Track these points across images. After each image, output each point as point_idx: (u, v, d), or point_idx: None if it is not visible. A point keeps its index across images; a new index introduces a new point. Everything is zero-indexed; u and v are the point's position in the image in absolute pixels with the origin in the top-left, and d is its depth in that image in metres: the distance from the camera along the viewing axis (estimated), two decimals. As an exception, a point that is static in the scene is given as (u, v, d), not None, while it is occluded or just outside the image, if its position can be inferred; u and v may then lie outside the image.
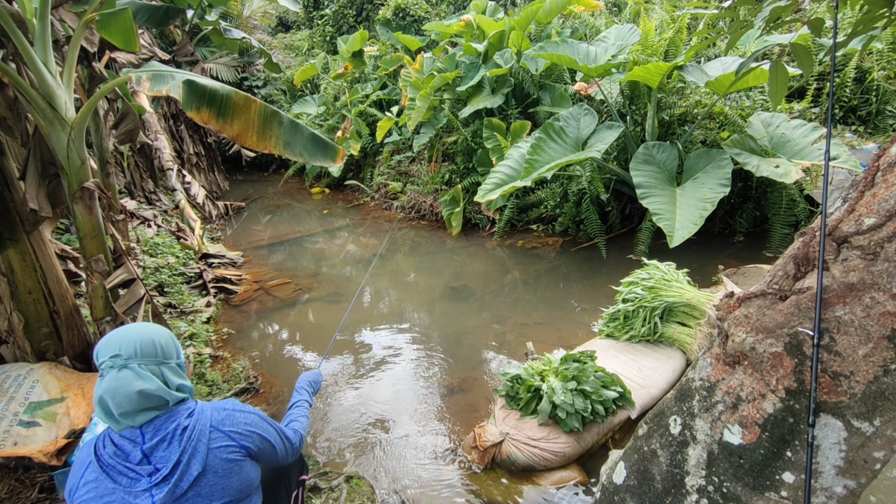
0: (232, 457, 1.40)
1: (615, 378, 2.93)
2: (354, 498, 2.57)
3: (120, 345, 1.34)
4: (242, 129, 2.84)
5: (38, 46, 2.63)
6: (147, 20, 3.72)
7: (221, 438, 1.39)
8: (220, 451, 1.38)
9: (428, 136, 7.26)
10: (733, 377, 1.52)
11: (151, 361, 1.36)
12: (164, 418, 1.36)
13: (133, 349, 1.34)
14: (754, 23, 1.99)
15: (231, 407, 1.48)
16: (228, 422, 1.43)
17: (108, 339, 1.36)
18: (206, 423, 1.39)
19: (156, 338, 1.40)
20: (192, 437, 1.34)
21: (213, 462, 1.36)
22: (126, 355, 1.33)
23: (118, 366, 1.32)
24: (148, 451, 1.31)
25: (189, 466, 1.32)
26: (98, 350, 1.35)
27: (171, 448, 1.32)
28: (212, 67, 9.57)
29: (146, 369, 1.34)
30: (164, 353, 1.40)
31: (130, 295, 3.10)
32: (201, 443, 1.35)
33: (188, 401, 1.43)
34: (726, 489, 1.51)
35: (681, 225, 4.25)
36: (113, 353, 1.33)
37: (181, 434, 1.34)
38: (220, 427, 1.41)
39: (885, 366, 1.27)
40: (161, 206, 6.96)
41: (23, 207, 2.70)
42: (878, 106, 5.94)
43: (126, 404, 1.30)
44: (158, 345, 1.39)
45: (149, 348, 1.37)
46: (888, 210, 1.27)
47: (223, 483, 1.37)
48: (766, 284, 1.48)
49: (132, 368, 1.32)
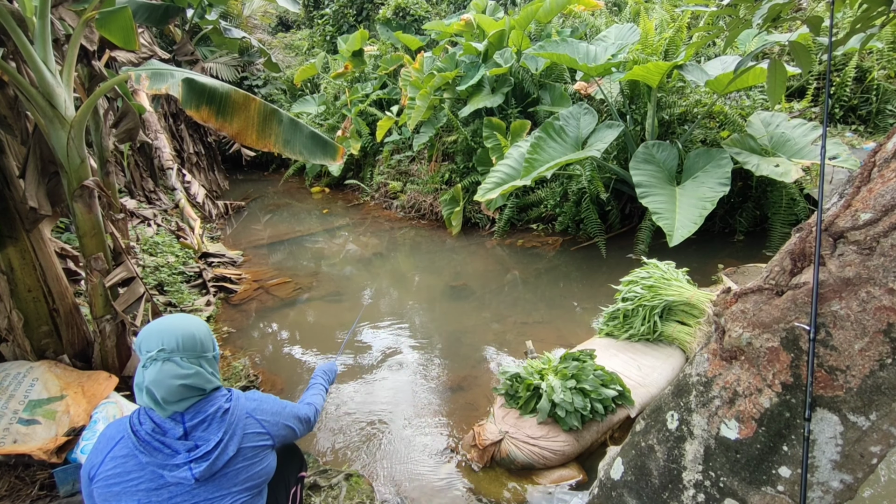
0: (261, 443, 1.50)
1: (614, 377, 2.93)
2: (354, 496, 2.57)
3: (163, 338, 1.40)
4: (242, 128, 2.84)
5: (38, 45, 2.63)
6: (147, 19, 3.72)
7: (255, 425, 1.50)
8: (253, 437, 1.48)
9: (428, 136, 7.26)
10: (730, 372, 1.52)
11: (192, 354, 1.43)
12: (204, 402, 1.44)
13: (176, 343, 1.41)
14: (753, 21, 1.99)
15: (259, 397, 1.60)
16: (260, 411, 1.54)
17: (150, 332, 1.42)
18: (242, 409, 1.50)
19: (196, 332, 1.47)
20: (233, 421, 1.45)
21: (245, 446, 1.46)
22: (169, 349, 1.40)
23: (162, 359, 1.38)
24: (189, 429, 1.40)
25: (227, 446, 1.41)
26: (140, 342, 1.42)
27: (212, 429, 1.41)
28: (212, 67, 9.58)
29: (187, 362, 1.41)
30: (203, 346, 1.47)
31: (130, 293, 3.11)
32: (238, 426, 1.46)
33: (222, 388, 1.52)
34: (723, 484, 1.52)
35: (680, 224, 4.25)
36: (157, 346, 1.39)
37: (222, 416, 1.44)
38: (254, 414, 1.52)
39: (881, 360, 1.27)
40: (161, 206, 6.97)
41: (22, 205, 2.71)
42: (878, 105, 5.94)
43: (170, 395, 1.37)
44: (198, 339, 1.46)
45: (189, 342, 1.43)
46: (884, 205, 1.27)
47: (250, 469, 1.46)
48: (763, 280, 1.49)
49: (175, 361, 1.39)
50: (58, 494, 2.44)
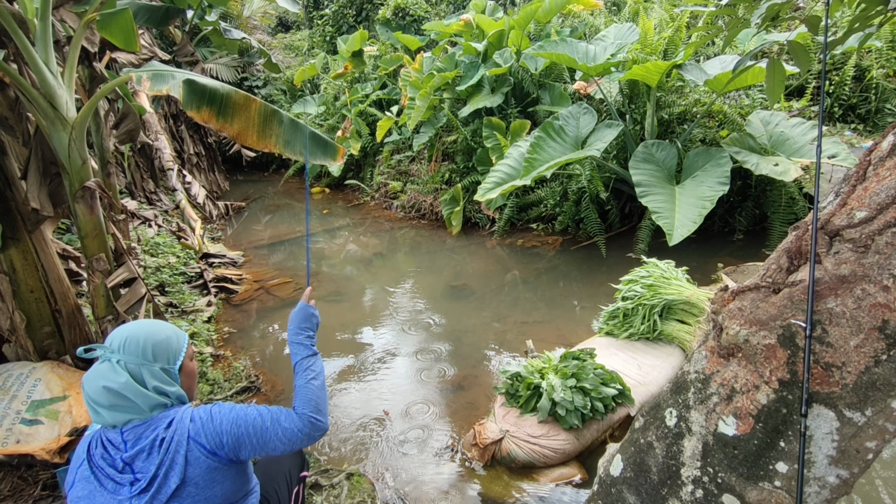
0: (213, 465, 1.37)
1: (614, 375, 2.94)
2: (355, 495, 2.59)
3: (113, 338, 1.36)
4: (242, 128, 2.85)
5: (40, 46, 2.65)
6: (147, 20, 3.74)
7: (198, 449, 1.35)
8: (199, 462, 1.35)
9: (428, 136, 7.27)
10: (728, 369, 1.53)
11: (132, 360, 1.34)
12: (144, 427, 1.34)
13: (119, 344, 1.35)
14: (751, 20, 2.00)
15: (207, 415, 1.41)
16: (204, 431, 1.38)
17: (114, 331, 1.39)
18: (183, 433, 1.35)
19: (148, 338, 1.37)
20: (170, 450, 1.32)
21: (193, 474, 1.34)
22: (111, 349, 1.35)
23: (104, 358, 1.34)
24: (128, 459, 1.31)
25: (167, 479, 1.31)
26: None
27: (151, 459, 1.31)
28: (212, 68, 9.60)
29: (122, 366, 1.33)
30: (152, 355, 1.37)
31: (132, 294, 3.12)
32: (179, 454, 1.33)
33: (171, 408, 1.39)
34: (721, 479, 1.53)
35: (680, 223, 4.26)
36: (106, 344, 1.36)
37: (159, 445, 1.32)
38: (197, 438, 1.36)
39: (876, 356, 1.28)
40: (162, 206, 6.99)
41: (24, 207, 2.72)
42: (877, 104, 5.95)
43: (97, 396, 1.31)
44: (148, 346, 1.37)
45: (133, 346, 1.35)
46: (879, 203, 1.29)
47: (206, 493, 1.35)
48: (760, 278, 1.50)
49: (111, 362, 1.33)
50: (60, 494, 2.46)
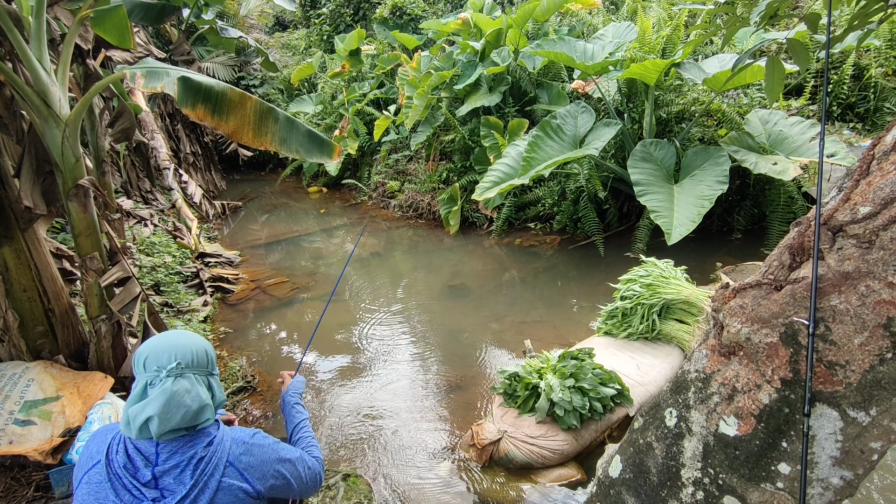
0: (241, 496, 1.29)
1: (613, 375, 2.92)
2: (352, 496, 2.56)
3: (175, 352, 1.26)
4: (238, 126, 2.82)
5: (34, 44, 2.62)
6: (142, 18, 3.71)
7: (235, 476, 1.29)
8: (231, 489, 1.28)
9: (425, 135, 7.25)
10: (729, 368, 1.51)
11: (203, 371, 1.30)
12: (183, 442, 1.26)
13: (191, 357, 1.27)
14: (750, 19, 1.98)
15: (250, 440, 1.36)
16: (246, 458, 1.32)
17: (156, 347, 1.27)
18: (223, 456, 1.29)
19: (206, 347, 1.33)
20: (206, 471, 1.25)
21: (220, 500, 1.26)
22: (185, 363, 1.26)
23: (175, 374, 1.23)
24: (159, 474, 1.23)
25: (196, 501, 1.23)
26: (146, 358, 1.26)
27: (183, 477, 1.23)
28: (208, 66, 9.55)
29: (200, 379, 1.28)
30: (212, 363, 1.35)
31: (126, 293, 3.09)
32: (213, 478, 1.26)
33: (212, 425, 1.33)
34: (722, 481, 1.51)
35: (679, 222, 4.24)
36: (172, 361, 1.25)
37: (195, 465, 1.25)
38: (236, 463, 1.31)
39: (881, 354, 1.26)
40: (157, 206, 6.95)
41: (17, 205, 2.69)
42: (875, 103, 5.94)
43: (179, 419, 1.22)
44: (210, 355, 1.33)
45: (202, 357, 1.30)
46: (883, 198, 1.27)
47: None
48: (762, 275, 1.48)
49: (187, 378, 1.25)
50: (53, 496, 2.43)
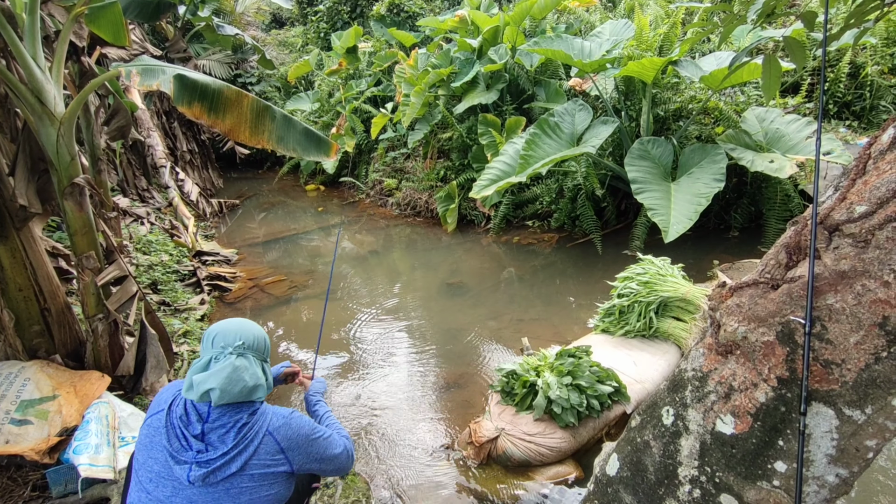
0: (274, 469, 1.42)
1: (610, 373, 2.93)
2: (350, 494, 2.56)
3: (240, 334, 1.46)
4: (235, 124, 2.81)
5: (28, 41, 2.60)
6: (137, 15, 3.68)
7: (272, 444, 1.43)
8: (266, 457, 1.41)
9: (423, 133, 7.24)
10: (725, 367, 1.51)
11: (259, 356, 1.50)
12: (233, 408, 1.42)
13: (253, 341, 1.48)
14: (747, 17, 1.98)
15: (289, 416, 1.51)
16: (284, 430, 1.46)
17: (225, 328, 1.48)
18: (264, 425, 1.44)
19: (265, 336, 1.55)
20: (248, 436, 1.39)
21: (254, 465, 1.39)
22: (247, 345, 1.46)
23: (238, 353, 1.43)
24: (207, 430, 1.38)
25: (233, 460, 1.37)
26: (214, 336, 1.46)
27: (226, 437, 1.38)
28: (205, 64, 9.51)
29: (257, 362, 1.48)
30: (267, 349, 1.55)
31: (122, 292, 3.08)
32: (252, 443, 1.40)
33: (259, 401, 1.49)
34: (719, 479, 1.51)
35: (676, 220, 4.25)
36: (236, 341, 1.45)
37: (240, 428, 1.39)
38: (275, 433, 1.44)
39: (877, 353, 1.27)
40: (154, 204, 6.92)
41: (12, 203, 2.67)
42: (872, 101, 5.96)
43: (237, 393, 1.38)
44: (266, 343, 1.54)
45: (262, 343, 1.52)
46: (879, 197, 1.27)
47: (254, 492, 1.39)
48: (759, 273, 1.48)
49: (248, 358, 1.45)
50: (50, 495, 2.42)
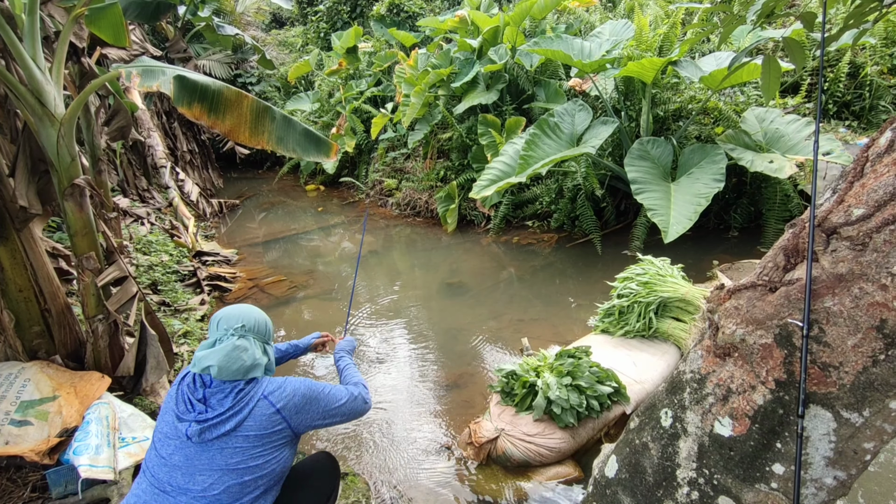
0: (269, 429, 1.53)
1: (610, 373, 2.93)
2: (349, 495, 2.57)
3: (242, 318, 1.61)
4: (234, 125, 2.81)
5: (27, 42, 2.60)
6: (137, 15, 3.68)
7: (267, 407, 1.55)
8: (262, 419, 1.53)
9: (423, 133, 7.24)
10: (724, 369, 1.52)
11: (261, 338, 1.65)
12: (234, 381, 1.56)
13: (254, 324, 1.63)
14: (747, 17, 1.99)
15: (283, 380, 1.65)
16: (279, 392, 1.59)
17: (229, 313, 1.63)
18: (259, 390, 1.57)
19: (268, 321, 1.70)
20: (244, 400, 1.53)
21: (248, 426, 1.51)
22: (248, 327, 1.60)
23: (239, 334, 1.58)
24: (209, 395, 1.53)
25: (227, 421, 1.49)
26: (220, 320, 1.61)
27: (224, 401, 1.52)
28: (205, 64, 9.51)
29: (258, 343, 1.62)
30: (270, 333, 1.70)
31: (123, 293, 3.08)
32: (247, 406, 1.53)
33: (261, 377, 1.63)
34: (717, 481, 1.52)
35: (675, 220, 4.25)
36: (239, 323, 1.59)
37: (237, 393, 1.53)
38: (270, 396, 1.56)
39: (874, 356, 1.27)
40: (154, 204, 6.92)
41: (12, 204, 2.67)
42: (871, 101, 5.96)
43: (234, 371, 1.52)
44: (269, 327, 1.69)
45: (263, 327, 1.66)
46: (877, 200, 1.27)
47: (245, 453, 1.50)
48: (757, 276, 1.48)
49: (248, 339, 1.58)
50: (50, 496, 2.42)
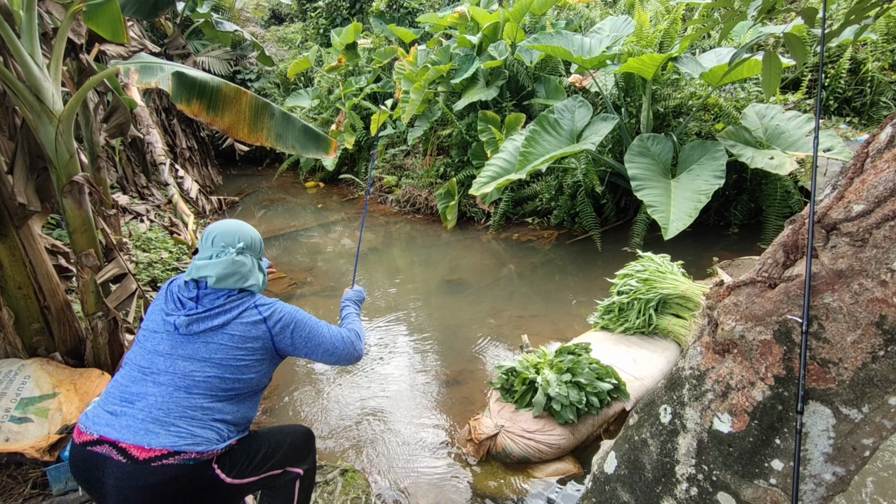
0: (253, 334, 1.58)
1: (610, 370, 2.93)
2: (349, 491, 2.57)
3: (240, 235, 1.67)
4: (233, 122, 2.80)
5: (25, 38, 2.59)
6: (136, 11, 3.65)
7: (255, 314, 1.60)
8: (248, 322, 1.58)
9: (422, 129, 7.23)
10: (723, 365, 1.52)
11: (256, 255, 1.73)
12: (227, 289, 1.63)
13: (251, 241, 1.70)
14: (747, 13, 1.98)
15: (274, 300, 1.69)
16: (270, 306, 1.65)
17: (224, 228, 1.68)
18: (251, 299, 1.63)
19: (259, 237, 1.77)
20: (234, 302, 1.59)
21: (235, 326, 1.57)
22: (246, 245, 1.67)
23: (238, 251, 1.64)
24: (202, 295, 1.59)
25: (215, 317, 1.55)
26: (215, 236, 1.65)
27: (216, 300, 1.58)
28: (204, 61, 9.49)
29: (255, 261, 1.70)
30: (261, 250, 1.78)
31: (122, 290, 3.08)
32: (237, 308, 1.59)
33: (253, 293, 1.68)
34: (716, 477, 1.52)
35: (675, 217, 4.25)
36: (239, 243, 1.66)
37: (228, 294, 1.60)
38: (260, 307, 1.63)
39: (874, 352, 1.27)
40: (154, 201, 6.92)
41: (11, 202, 2.67)
42: (872, 97, 5.94)
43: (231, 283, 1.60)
44: (260, 243, 1.77)
45: (258, 245, 1.75)
46: (877, 196, 1.27)
47: (228, 352, 1.54)
48: (756, 272, 1.48)
49: (247, 256, 1.66)
50: (50, 493, 2.43)
